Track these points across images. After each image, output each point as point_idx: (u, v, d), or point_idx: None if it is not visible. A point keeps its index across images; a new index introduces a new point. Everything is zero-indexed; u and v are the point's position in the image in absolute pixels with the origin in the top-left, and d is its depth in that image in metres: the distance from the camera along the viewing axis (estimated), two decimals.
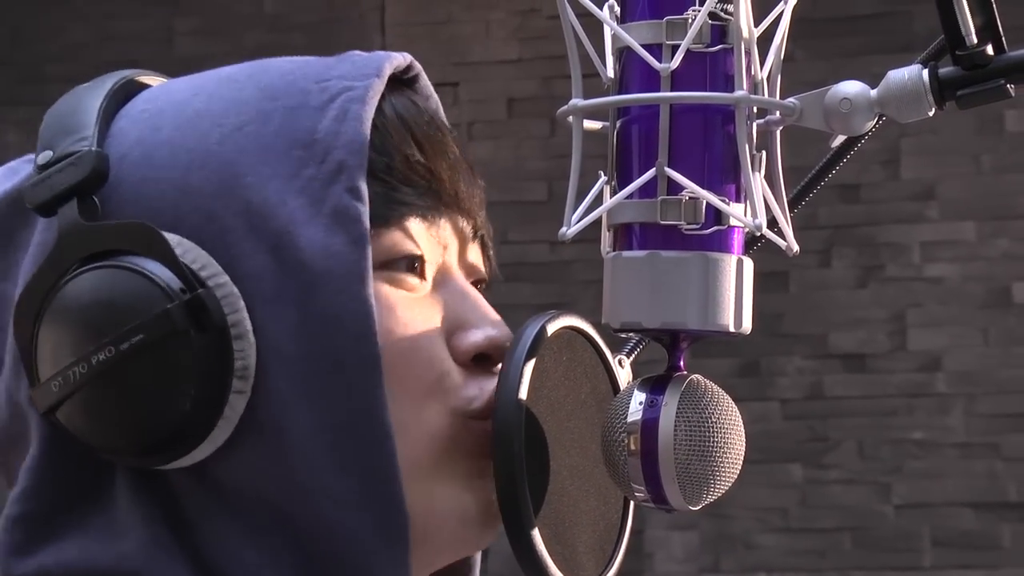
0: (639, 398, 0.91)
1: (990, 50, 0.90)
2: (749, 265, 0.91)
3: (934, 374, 5.27)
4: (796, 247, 0.92)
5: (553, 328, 0.96)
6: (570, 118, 0.93)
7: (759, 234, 0.91)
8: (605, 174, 0.92)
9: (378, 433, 0.87)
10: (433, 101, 0.99)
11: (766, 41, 0.92)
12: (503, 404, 0.92)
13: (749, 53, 0.90)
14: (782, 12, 0.93)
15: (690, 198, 0.89)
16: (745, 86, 0.89)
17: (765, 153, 0.92)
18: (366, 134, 0.90)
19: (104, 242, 0.88)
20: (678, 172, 0.89)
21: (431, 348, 0.91)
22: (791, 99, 0.92)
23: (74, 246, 0.88)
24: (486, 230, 0.98)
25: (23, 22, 5.99)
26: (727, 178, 0.90)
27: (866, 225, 5.35)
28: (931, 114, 0.92)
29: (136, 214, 0.89)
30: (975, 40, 0.90)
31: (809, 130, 0.93)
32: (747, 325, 0.91)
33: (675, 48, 0.89)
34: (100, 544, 0.88)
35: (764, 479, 5.23)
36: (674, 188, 0.89)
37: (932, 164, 5.32)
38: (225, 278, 0.87)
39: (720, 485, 0.91)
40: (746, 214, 0.90)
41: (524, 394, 0.93)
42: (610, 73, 0.93)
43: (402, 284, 0.92)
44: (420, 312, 0.92)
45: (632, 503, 1.00)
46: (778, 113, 0.92)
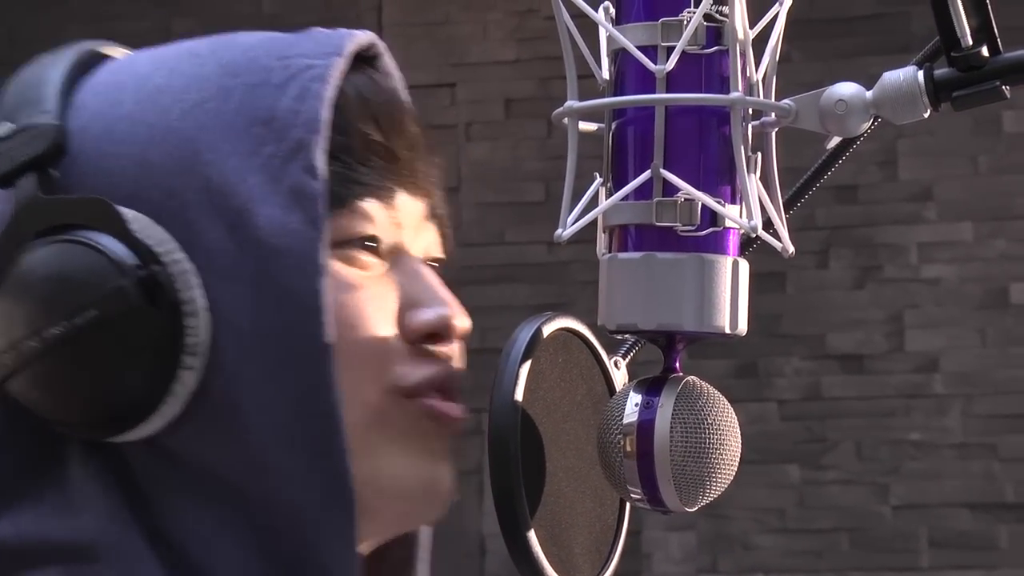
0: (635, 400, 0.91)
1: (985, 51, 0.90)
2: (745, 266, 0.91)
3: (931, 375, 5.27)
4: (792, 248, 0.92)
5: (549, 329, 0.96)
6: (566, 120, 0.93)
7: (755, 235, 0.91)
8: (600, 176, 0.92)
9: (326, 410, 0.88)
10: (394, 79, 0.99)
11: (761, 42, 0.92)
12: (499, 406, 0.92)
13: (744, 54, 0.90)
14: (777, 13, 0.93)
15: (686, 200, 0.89)
16: (740, 88, 0.89)
17: (761, 154, 0.92)
18: (326, 113, 0.91)
19: (61, 216, 0.88)
20: (674, 174, 0.89)
21: (376, 326, 0.92)
22: (787, 100, 0.92)
23: (31, 219, 0.88)
24: (442, 209, 0.99)
25: (21, 22, 5.99)
26: (723, 180, 0.90)
27: (863, 226, 5.35)
28: (926, 116, 0.92)
29: (96, 188, 0.90)
30: (970, 41, 0.90)
31: (805, 131, 0.93)
32: (743, 326, 0.91)
33: (670, 50, 0.89)
34: (56, 517, 0.89)
35: (762, 480, 5.23)
36: (670, 190, 0.89)
37: (929, 165, 5.32)
38: (181, 255, 0.88)
39: (716, 486, 0.91)
40: (742, 216, 0.90)
41: (520, 396, 0.93)
42: (605, 75, 0.93)
43: (357, 263, 0.92)
44: (373, 291, 0.92)
45: (628, 504, 1.00)
46: (774, 115, 0.92)
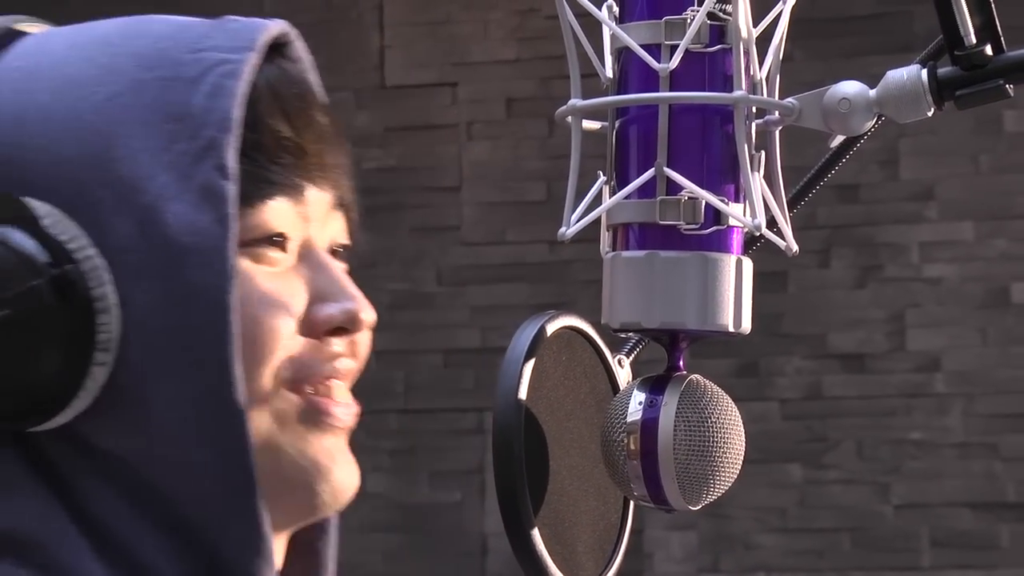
0: (639, 398, 0.91)
1: (989, 50, 0.90)
2: (748, 265, 0.91)
3: (933, 374, 5.27)
4: (795, 247, 0.92)
5: (552, 328, 0.96)
6: (569, 118, 0.93)
7: (758, 234, 0.91)
8: (604, 174, 0.92)
9: (230, 406, 0.89)
10: (304, 65, 0.99)
11: (765, 41, 0.92)
12: (503, 405, 0.92)
13: (748, 53, 0.90)
14: (781, 12, 0.93)
15: (689, 198, 0.89)
16: (744, 86, 0.90)
17: (764, 153, 0.92)
18: (238, 112, 0.91)
19: None
20: (677, 172, 0.89)
21: (277, 320, 0.92)
22: (790, 99, 0.92)
23: None
24: (350, 197, 0.99)
25: None
26: (726, 178, 0.90)
27: (865, 225, 5.34)
28: (930, 114, 0.92)
29: (7, 178, 0.90)
30: (974, 40, 0.90)
31: (808, 130, 0.93)
32: (746, 325, 0.91)
33: (674, 48, 0.89)
34: None
35: (763, 479, 5.23)
36: (673, 188, 0.89)
37: (931, 164, 5.32)
38: (92, 251, 0.88)
39: (720, 485, 0.91)
40: (745, 214, 0.90)
41: (524, 394, 0.93)
42: (609, 73, 0.93)
43: (264, 259, 0.93)
44: (280, 286, 0.93)
45: (632, 503, 1.00)
46: (777, 113, 0.92)
